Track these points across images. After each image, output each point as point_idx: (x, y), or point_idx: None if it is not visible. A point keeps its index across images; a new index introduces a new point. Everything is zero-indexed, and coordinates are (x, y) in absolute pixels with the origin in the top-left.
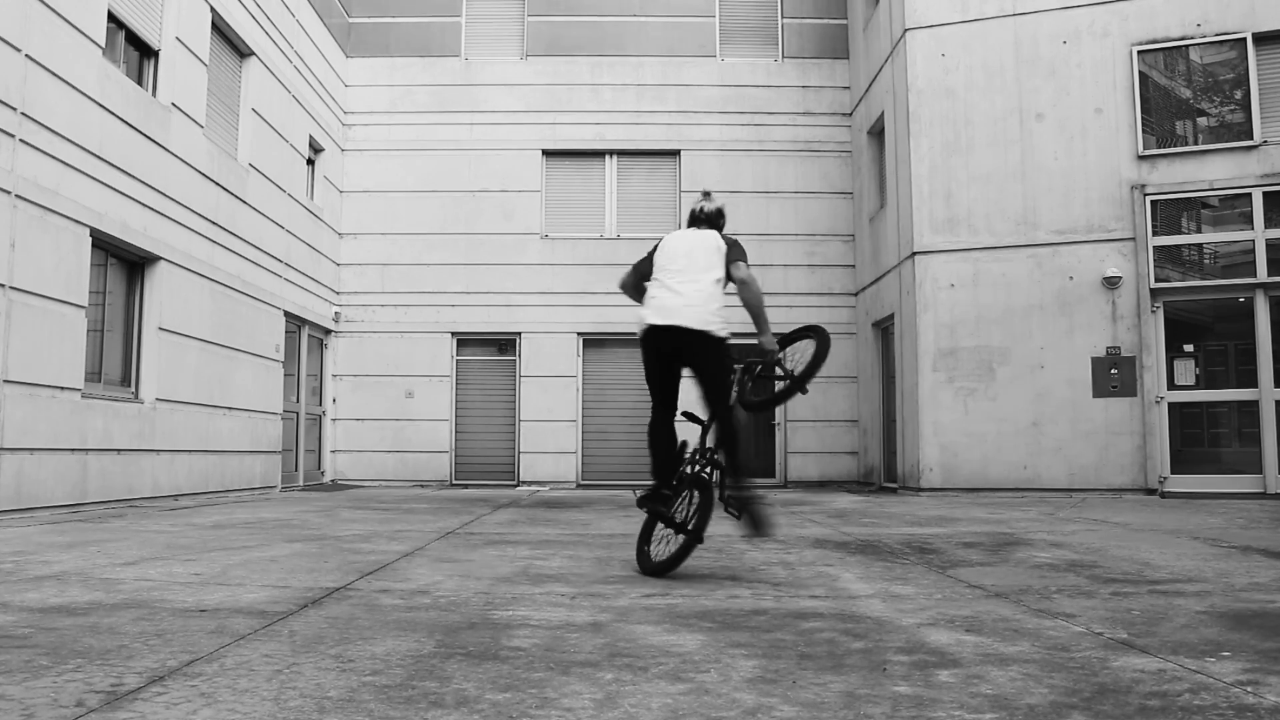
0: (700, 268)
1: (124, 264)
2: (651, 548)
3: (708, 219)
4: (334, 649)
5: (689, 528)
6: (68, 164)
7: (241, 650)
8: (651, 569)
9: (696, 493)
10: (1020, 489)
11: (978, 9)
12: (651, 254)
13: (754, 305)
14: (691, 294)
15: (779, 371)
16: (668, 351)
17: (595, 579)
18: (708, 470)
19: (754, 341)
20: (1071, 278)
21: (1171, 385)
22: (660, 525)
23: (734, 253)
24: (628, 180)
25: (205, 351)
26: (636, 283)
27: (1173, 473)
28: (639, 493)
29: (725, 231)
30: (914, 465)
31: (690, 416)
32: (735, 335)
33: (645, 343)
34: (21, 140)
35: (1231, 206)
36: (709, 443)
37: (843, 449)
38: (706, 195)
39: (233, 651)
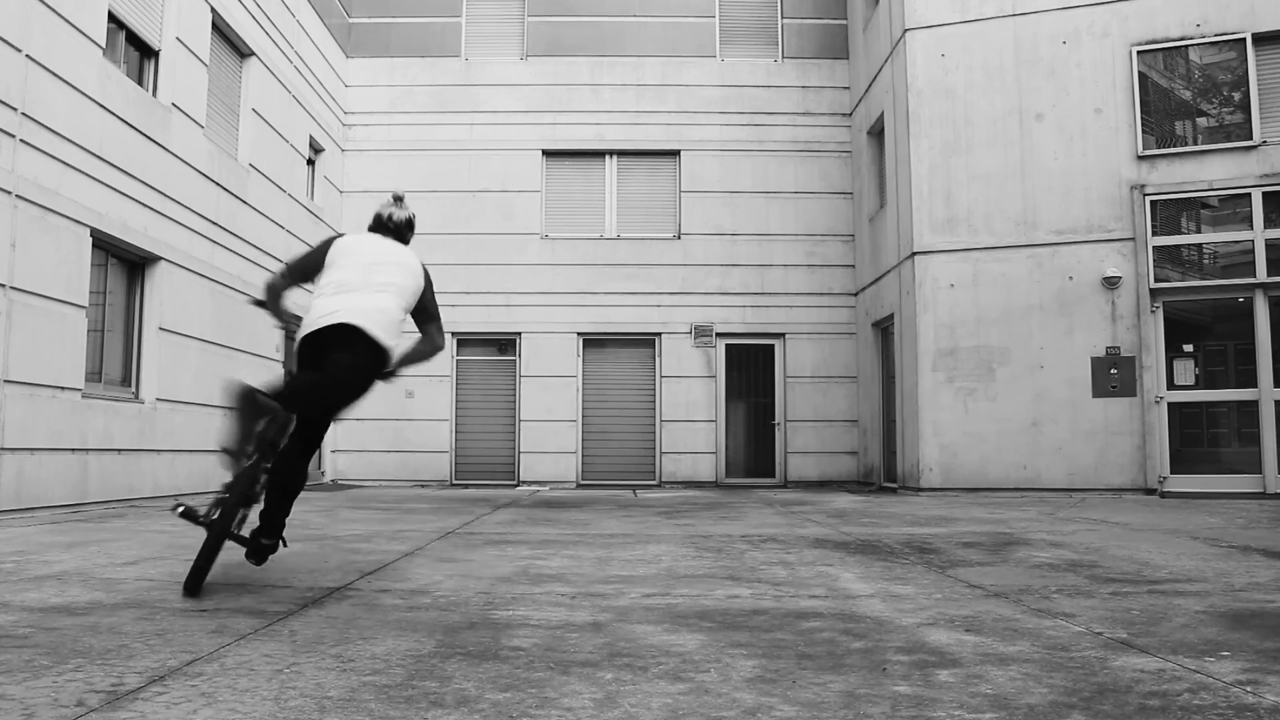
0: (380, 285)
1: (124, 264)
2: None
3: (396, 229)
4: (334, 649)
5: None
6: (68, 164)
7: (242, 650)
8: None
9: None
10: (1020, 489)
11: (977, 9)
12: (319, 255)
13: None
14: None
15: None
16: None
17: (595, 579)
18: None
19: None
20: (1071, 278)
21: (1171, 385)
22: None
23: (432, 300)
24: (628, 180)
25: (205, 351)
26: (290, 286)
27: (1172, 473)
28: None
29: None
30: (914, 465)
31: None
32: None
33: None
34: (22, 140)
35: (1231, 207)
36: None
37: (843, 449)
38: (399, 201)
39: (233, 651)
